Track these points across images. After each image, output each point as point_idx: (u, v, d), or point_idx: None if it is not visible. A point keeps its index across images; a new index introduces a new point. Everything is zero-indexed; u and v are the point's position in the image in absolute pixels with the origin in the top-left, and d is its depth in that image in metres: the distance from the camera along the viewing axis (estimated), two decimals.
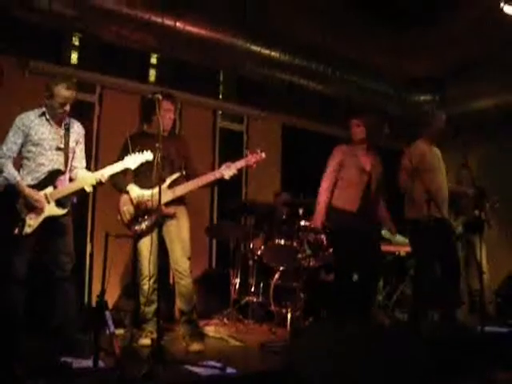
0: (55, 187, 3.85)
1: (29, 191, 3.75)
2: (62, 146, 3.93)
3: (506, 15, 5.57)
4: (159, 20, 5.27)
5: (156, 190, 3.85)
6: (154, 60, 6.69)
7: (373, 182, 5.00)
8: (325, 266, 5.70)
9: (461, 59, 6.85)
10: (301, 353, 3.45)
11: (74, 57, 6.11)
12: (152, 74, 6.72)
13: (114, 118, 6.05)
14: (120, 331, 4.57)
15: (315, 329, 4.39)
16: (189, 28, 5.46)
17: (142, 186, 4.30)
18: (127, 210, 4.30)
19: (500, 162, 7.54)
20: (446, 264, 5.08)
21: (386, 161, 5.21)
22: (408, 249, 5.93)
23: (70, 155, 3.97)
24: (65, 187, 3.88)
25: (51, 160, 3.88)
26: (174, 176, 4.28)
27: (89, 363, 3.40)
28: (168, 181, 4.22)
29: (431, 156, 5.11)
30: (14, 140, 3.82)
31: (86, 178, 3.92)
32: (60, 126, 3.96)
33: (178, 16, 5.38)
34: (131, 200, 4.29)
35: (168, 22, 5.32)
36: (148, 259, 4.21)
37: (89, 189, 3.92)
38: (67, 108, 3.89)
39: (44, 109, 3.93)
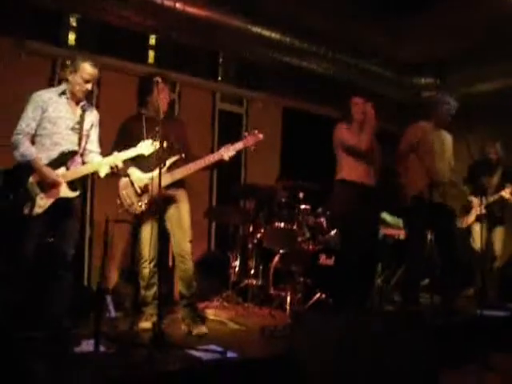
0: (68, 168, 3.74)
1: (47, 170, 3.61)
2: (78, 126, 3.83)
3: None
4: (158, 1, 5.20)
5: (156, 172, 3.86)
6: (152, 41, 6.62)
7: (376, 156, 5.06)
8: (325, 249, 5.68)
9: (463, 43, 6.79)
10: (300, 339, 3.45)
11: (72, 38, 6.03)
12: (151, 55, 6.65)
13: (112, 99, 5.98)
14: (120, 314, 4.58)
15: (315, 315, 4.39)
16: (188, 9, 5.39)
17: (141, 169, 4.25)
18: (127, 193, 4.26)
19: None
20: (444, 250, 5.10)
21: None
22: None
23: (85, 137, 3.88)
24: (78, 169, 3.79)
25: (66, 140, 3.75)
26: (174, 158, 4.24)
27: (90, 348, 3.40)
28: (168, 163, 4.19)
29: (433, 138, 5.08)
30: (33, 116, 3.67)
31: (101, 164, 3.85)
32: (77, 106, 3.87)
33: None
34: (131, 183, 4.25)
35: (167, 2, 5.25)
36: (149, 243, 4.20)
37: (103, 174, 3.86)
38: (89, 86, 3.79)
39: (65, 87, 3.82)
